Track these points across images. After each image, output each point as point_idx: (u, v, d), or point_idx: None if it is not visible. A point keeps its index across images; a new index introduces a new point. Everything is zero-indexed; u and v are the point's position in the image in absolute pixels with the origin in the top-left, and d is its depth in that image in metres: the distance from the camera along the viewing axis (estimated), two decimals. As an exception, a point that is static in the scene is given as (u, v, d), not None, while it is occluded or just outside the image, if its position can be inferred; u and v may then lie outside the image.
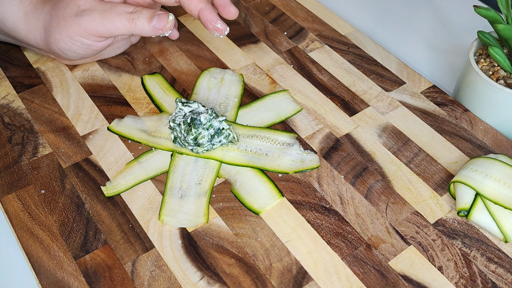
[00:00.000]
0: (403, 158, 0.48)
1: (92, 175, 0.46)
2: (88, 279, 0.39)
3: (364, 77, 0.55)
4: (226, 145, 0.47)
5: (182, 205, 0.43)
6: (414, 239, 0.42)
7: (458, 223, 0.43)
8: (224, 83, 0.53)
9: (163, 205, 0.43)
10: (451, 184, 0.44)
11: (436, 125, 0.50)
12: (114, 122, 0.49)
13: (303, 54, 0.58)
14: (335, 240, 0.42)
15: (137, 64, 0.56)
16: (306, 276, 0.40)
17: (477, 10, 0.47)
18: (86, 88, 0.53)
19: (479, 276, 0.40)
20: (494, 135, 0.49)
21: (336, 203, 0.44)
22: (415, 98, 0.53)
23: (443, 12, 0.66)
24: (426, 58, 0.61)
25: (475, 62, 0.50)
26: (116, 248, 0.41)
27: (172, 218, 0.43)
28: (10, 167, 0.46)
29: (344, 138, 0.49)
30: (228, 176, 0.46)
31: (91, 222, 0.43)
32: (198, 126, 0.45)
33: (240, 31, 0.60)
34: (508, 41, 0.48)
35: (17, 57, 0.56)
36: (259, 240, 0.42)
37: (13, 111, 0.51)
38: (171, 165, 0.46)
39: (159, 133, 0.48)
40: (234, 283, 0.39)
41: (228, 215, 0.43)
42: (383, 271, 0.40)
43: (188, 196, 0.44)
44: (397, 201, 0.44)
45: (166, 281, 0.39)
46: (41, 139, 0.48)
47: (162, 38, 0.59)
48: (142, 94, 0.53)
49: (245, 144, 0.47)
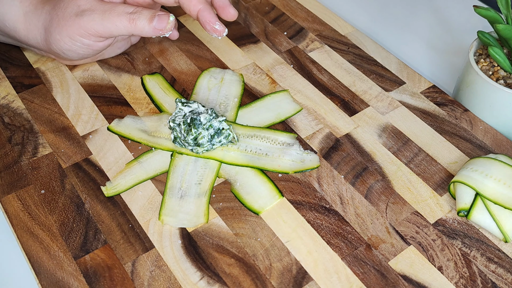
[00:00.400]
0: (403, 158, 0.48)
1: (92, 175, 0.46)
2: (88, 279, 0.39)
3: (364, 77, 0.55)
4: (226, 145, 0.47)
5: (182, 205, 0.43)
6: (414, 239, 0.42)
7: (458, 223, 0.43)
8: (224, 83, 0.53)
9: (163, 205, 0.43)
10: (451, 184, 0.44)
11: (436, 125, 0.50)
12: (114, 122, 0.49)
13: (303, 54, 0.58)
14: (335, 240, 0.42)
15: (137, 64, 0.56)
16: (306, 276, 0.40)
17: (477, 10, 0.47)
18: (86, 88, 0.53)
19: (479, 276, 0.40)
20: (494, 135, 0.49)
21: (336, 203, 0.44)
22: (415, 98, 0.53)
23: (443, 12, 0.66)
24: (426, 58, 0.61)
25: (475, 62, 0.50)
26: (116, 248, 0.41)
27: (172, 218, 0.43)
28: (10, 167, 0.46)
29: (344, 138, 0.49)
30: (228, 176, 0.46)
31: (91, 222, 0.43)
32: (198, 126, 0.45)
33: (240, 31, 0.60)
34: (508, 41, 0.48)
35: (17, 57, 0.56)
36: (259, 240, 0.42)
37: (13, 111, 0.51)
38: (171, 165, 0.46)
39: (159, 133, 0.48)
40: (234, 283, 0.39)
41: (228, 215, 0.43)
42: (383, 271, 0.40)
43: (188, 196, 0.44)
44: (397, 201, 0.44)
45: (166, 281, 0.39)
46: (41, 139, 0.48)
47: (162, 38, 0.59)
48: (142, 94, 0.53)
49: (245, 144, 0.47)
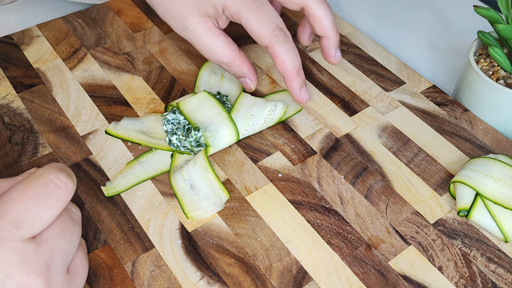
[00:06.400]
0: (403, 158, 0.48)
1: (92, 175, 0.46)
2: (88, 279, 0.39)
3: (364, 77, 0.55)
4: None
5: (198, 194, 0.44)
6: (414, 239, 0.42)
7: (458, 223, 0.43)
8: (224, 81, 0.53)
9: (182, 205, 0.43)
10: (451, 184, 0.44)
11: (436, 125, 0.50)
12: (112, 125, 0.49)
13: (303, 54, 0.57)
14: (335, 240, 0.42)
15: (137, 64, 0.56)
16: (306, 276, 0.40)
17: (477, 10, 0.47)
18: (86, 88, 0.53)
19: (479, 276, 0.40)
20: (494, 135, 0.49)
21: (336, 203, 0.44)
22: (415, 98, 0.53)
23: (443, 12, 0.66)
24: (426, 58, 0.61)
25: (475, 62, 0.50)
26: (116, 248, 0.41)
27: (198, 211, 0.43)
28: (10, 167, 0.46)
29: (344, 138, 0.49)
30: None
31: (91, 222, 0.42)
32: (197, 129, 0.46)
33: (240, 31, 0.60)
34: (508, 41, 0.48)
35: (17, 57, 0.56)
36: (259, 240, 0.42)
37: (13, 111, 0.51)
38: (172, 166, 0.46)
39: (158, 134, 0.48)
40: (234, 283, 0.39)
41: (228, 215, 0.43)
42: (383, 271, 0.40)
43: (196, 181, 0.44)
44: (397, 201, 0.44)
45: (166, 281, 0.39)
46: (41, 139, 0.48)
47: (162, 38, 0.59)
48: (142, 94, 0.53)
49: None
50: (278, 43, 0.45)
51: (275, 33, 0.45)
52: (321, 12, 0.47)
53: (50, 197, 0.32)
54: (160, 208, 0.44)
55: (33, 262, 0.31)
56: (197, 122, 0.46)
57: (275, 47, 0.45)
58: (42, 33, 0.59)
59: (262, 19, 0.45)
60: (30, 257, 0.31)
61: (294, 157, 0.47)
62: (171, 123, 0.47)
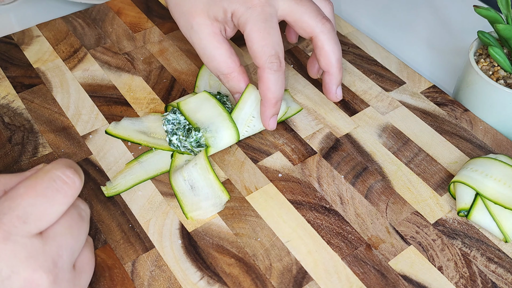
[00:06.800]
0: (403, 158, 0.48)
1: (92, 175, 0.46)
2: (88, 279, 0.39)
3: (364, 77, 0.55)
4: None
5: (198, 194, 0.44)
6: (414, 239, 0.42)
7: (458, 223, 0.43)
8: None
9: (182, 205, 0.43)
10: (451, 184, 0.44)
11: (436, 125, 0.50)
12: (112, 125, 0.49)
13: (303, 54, 0.57)
14: (335, 240, 0.42)
15: (137, 64, 0.56)
16: (306, 276, 0.40)
17: (477, 10, 0.47)
18: (86, 88, 0.53)
19: (479, 276, 0.40)
20: (494, 135, 0.49)
21: (336, 203, 0.44)
22: (415, 98, 0.53)
23: (443, 12, 0.66)
24: (426, 58, 0.61)
25: (475, 62, 0.50)
26: (116, 248, 0.41)
27: (198, 211, 0.43)
28: (10, 167, 0.46)
29: (344, 138, 0.49)
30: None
31: (91, 222, 0.42)
32: (197, 129, 0.46)
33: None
34: (508, 41, 0.48)
35: (17, 57, 0.56)
36: (259, 240, 0.42)
37: (13, 111, 0.51)
38: (172, 166, 0.46)
39: (158, 134, 0.48)
40: (234, 283, 0.39)
41: (228, 215, 0.43)
42: (383, 271, 0.40)
43: (196, 181, 0.44)
44: (397, 201, 0.44)
45: (166, 281, 0.39)
46: (41, 139, 0.48)
47: (162, 38, 0.59)
48: (142, 94, 0.53)
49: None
50: (271, 70, 0.44)
51: (271, 59, 0.44)
52: (328, 46, 0.46)
53: (57, 193, 0.32)
54: (160, 208, 0.44)
55: (40, 258, 0.31)
56: (198, 123, 0.46)
57: (266, 72, 0.45)
58: (42, 33, 0.59)
59: (265, 40, 0.44)
60: (37, 253, 0.31)
61: (294, 157, 0.48)
62: (171, 123, 0.47)
